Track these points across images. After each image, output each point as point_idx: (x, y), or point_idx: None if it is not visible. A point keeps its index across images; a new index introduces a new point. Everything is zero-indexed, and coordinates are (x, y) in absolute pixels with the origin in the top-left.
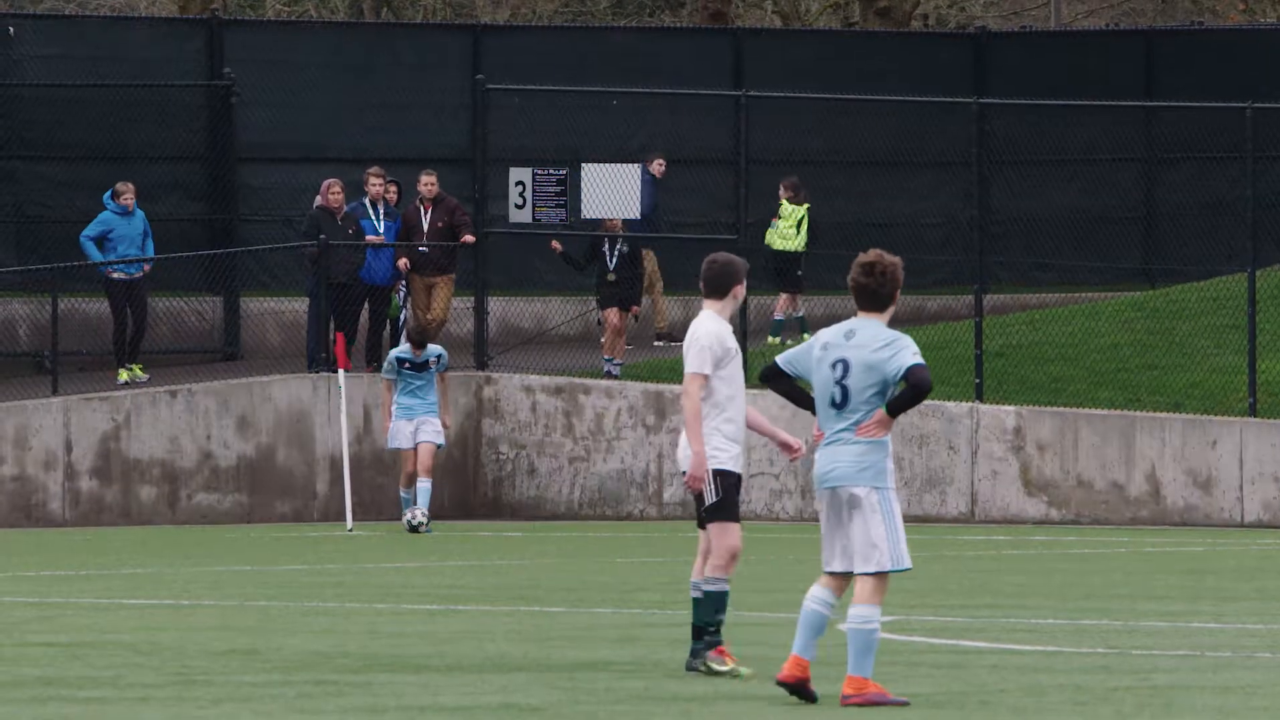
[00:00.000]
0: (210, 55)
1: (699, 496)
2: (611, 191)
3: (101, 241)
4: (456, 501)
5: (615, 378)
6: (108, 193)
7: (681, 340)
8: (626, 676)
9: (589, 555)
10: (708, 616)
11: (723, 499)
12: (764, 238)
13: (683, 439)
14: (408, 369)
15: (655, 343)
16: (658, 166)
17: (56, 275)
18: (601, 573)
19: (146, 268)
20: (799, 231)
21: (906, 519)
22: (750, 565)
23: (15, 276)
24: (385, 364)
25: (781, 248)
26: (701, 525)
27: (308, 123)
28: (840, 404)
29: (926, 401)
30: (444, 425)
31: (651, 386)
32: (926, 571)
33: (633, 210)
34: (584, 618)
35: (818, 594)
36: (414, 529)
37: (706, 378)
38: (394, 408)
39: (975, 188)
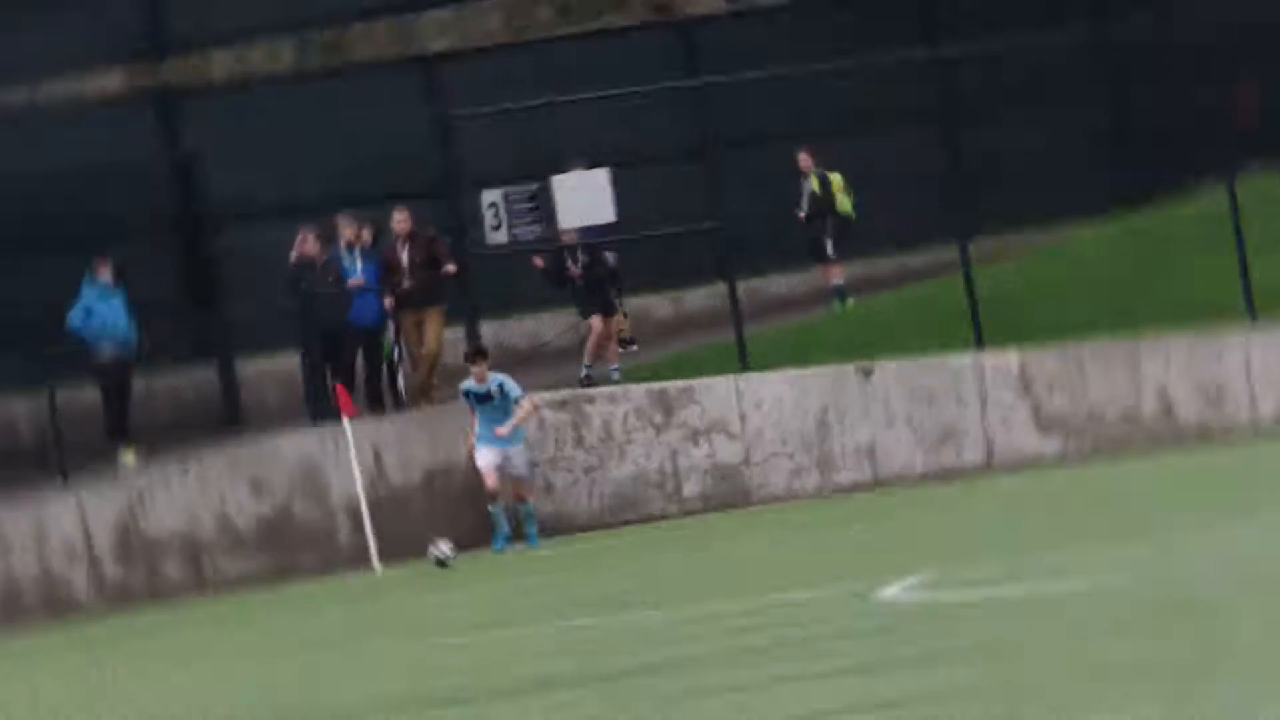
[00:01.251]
0: (167, 126)
1: None
2: (583, 198)
3: (85, 321)
4: (479, 527)
5: (615, 382)
6: (84, 276)
7: (637, 344)
8: (675, 676)
9: (617, 561)
10: None
11: None
12: (836, 205)
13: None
14: (476, 399)
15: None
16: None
17: (49, 365)
18: (632, 576)
19: (133, 349)
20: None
21: (927, 476)
22: (780, 546)
23: (8, 373)
24: (461, 393)
25: (846, 212)
26: None
27: (273, 179)
28: None
29: (929, 357)
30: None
31: (655, 386)
32: (953, 525)
33: (607, 215)
34: (622, 623)
35: None
36: (441, 564)
37: None
38: (475, 437)
39: (940, 140)
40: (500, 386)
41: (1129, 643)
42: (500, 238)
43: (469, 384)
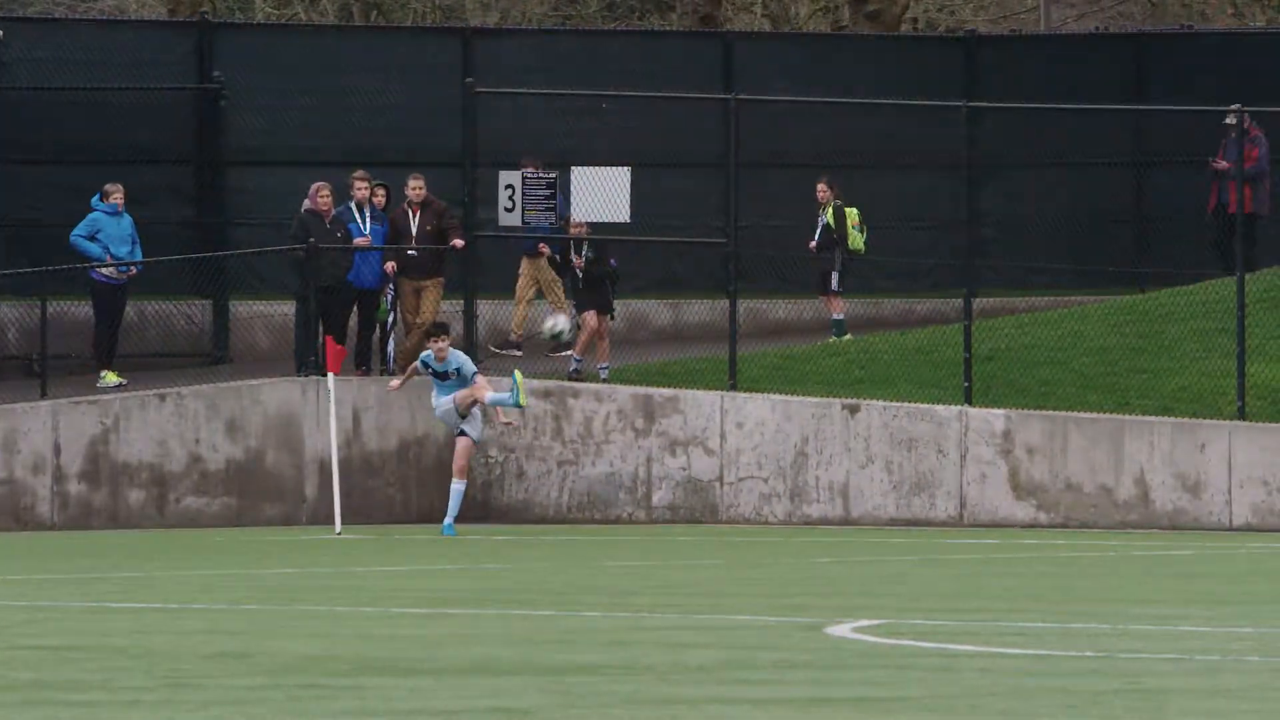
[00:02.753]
0: (200, 58)
1: None
2: (601, 195)
3: (90, 241)
4: (446, 505)
5: (603, 380)
6: (96, 194)
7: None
8: (617, 679)
9: (578, 558)
10: None
11: None
12: (847, 240)
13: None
14: (432, 374)
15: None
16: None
17: (45, 278)
18: (591, 576)
19: (134, 271)
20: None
21: (896, 521)
22: (740, 569)
23: (4, 280)
24: (420, 361)
25: (856, 248)
26: None
27: (297, 126)
28: None
29: (916, 404)
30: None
31: (640, 390)
32: (916, 575)
33: (621, 214)
34: (574, 621)
35: None
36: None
37: None
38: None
39: (965, 191)
40: (458, 370)
41: (1069, 718)
42: (513, 220)
43: (429, 356)
